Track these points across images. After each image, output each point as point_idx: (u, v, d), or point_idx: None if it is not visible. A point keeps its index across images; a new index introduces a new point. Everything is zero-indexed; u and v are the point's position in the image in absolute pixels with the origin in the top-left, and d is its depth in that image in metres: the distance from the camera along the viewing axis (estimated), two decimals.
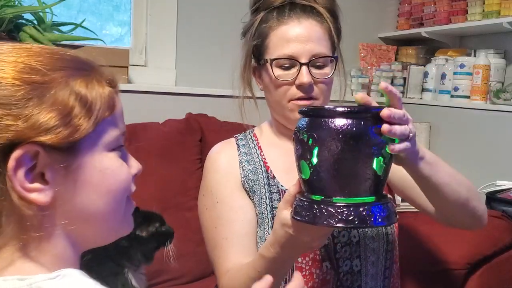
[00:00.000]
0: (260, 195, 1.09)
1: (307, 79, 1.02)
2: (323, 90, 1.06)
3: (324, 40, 1.06)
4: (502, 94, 2.06)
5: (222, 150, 1.15)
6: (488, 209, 1.75)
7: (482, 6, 2.18)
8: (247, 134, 1.18)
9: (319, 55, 1.04)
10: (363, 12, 2.63)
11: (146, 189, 1.67)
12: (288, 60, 1.04)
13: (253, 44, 1.09)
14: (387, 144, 0.75)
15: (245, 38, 1.13)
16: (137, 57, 2.18)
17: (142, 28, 2.20)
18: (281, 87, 1.05)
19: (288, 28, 1.04)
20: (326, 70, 1.06)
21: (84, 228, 0.61)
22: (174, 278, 1.66)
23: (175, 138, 1.81)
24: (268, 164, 1.12)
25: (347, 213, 0.73)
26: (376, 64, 2.65)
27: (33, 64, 0.56)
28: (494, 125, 2.10)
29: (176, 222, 1.69)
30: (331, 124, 0.73)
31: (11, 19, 1.72)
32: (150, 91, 2.08)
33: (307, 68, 1.03)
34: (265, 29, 1.07)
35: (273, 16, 1.07)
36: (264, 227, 1.07)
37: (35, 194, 0.56)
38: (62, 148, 0.56)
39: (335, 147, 0.73)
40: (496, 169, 2.05)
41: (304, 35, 1.04)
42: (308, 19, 1.05)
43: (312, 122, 0.76)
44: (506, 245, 1.48)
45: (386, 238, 1.08)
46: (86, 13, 2.17)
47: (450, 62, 2.36)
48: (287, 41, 1.04)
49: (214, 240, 1.08)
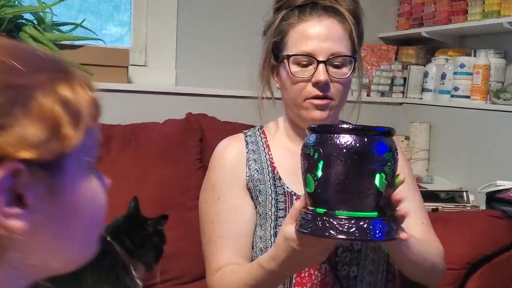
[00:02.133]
0: (266, 195, 1.08)
1: (324, 77, 1.01)
2: (339, 90, 1.05)
3: (344, 40, 1.05)
4: (502, 94, 2.06)
5: (230, 146, 1.14)
6: (488, 209, 1.77)
7: (482, 6, 2.18)
8: (256, 131, 1.17)
9: (337, 54, 1.03)
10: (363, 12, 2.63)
11: (146, 189, 1.67)
12: (306, 57, 1.03)
13: (273, 41, 1.09)
14: (389, 162, 0.77)
15: (266, 36, 1.12)
16: (137, 57, 2.18)
17: (142, 28, 2.20)
18: (297, 84, 1.04)
19: (308, 25, 1.04)
20: (344, 70, 1.05)
21: (46, 260, 0.51)
22: (174, 278, 1.66)
23: (175, 138, 1.81)
24: (275, 165, 1.11)
25: (348, 225, 0.76)
26: (376, 64, 2.65)
27: (9, 63, 0.47)
28: (494, 125, 2.10)
29: (176, 222, 1.69)
30: (336, 140, 0.77)
31: (11, 19, 1.72)
32: (150, 91, 2.08)
33: (325, 66, 1.02)
34: (285, 26, 1.06)
35: (295, 14, 1.06)
36: (266, 227, 1.06)
37: (13, 220, 0.46)
38: (47, 165, 0.47)
39: (339, 162, 0.77)
40: (496, 169, 2.05)
41: (324, 33, 1.03)
42: (329, 18, 1.04)
43: (319, 137, 0.80)
44: (506, 245, 1.48)
45: (387, 251, 1.07)
46: (86, 13, 2.17)
47: (450, 62, 2.36)
48: (306, 38, 1.03)
49: (209, 235, 1.09)
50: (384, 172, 0.77)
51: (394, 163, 0.79)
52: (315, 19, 1.04)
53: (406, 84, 2.60)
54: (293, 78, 1.04)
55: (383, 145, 0.77)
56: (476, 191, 1.97)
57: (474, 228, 1.50)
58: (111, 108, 2.29)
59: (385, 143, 0.78)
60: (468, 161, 2.22)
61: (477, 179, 2.06)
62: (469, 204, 1.92)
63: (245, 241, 1.07)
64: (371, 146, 0.77)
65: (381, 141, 0.77)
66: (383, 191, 0.78)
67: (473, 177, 2.16)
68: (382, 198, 0.78)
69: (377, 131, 0.78)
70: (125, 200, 1.62)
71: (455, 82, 2.26)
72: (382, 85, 2.59)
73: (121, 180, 1.64)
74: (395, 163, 0.79)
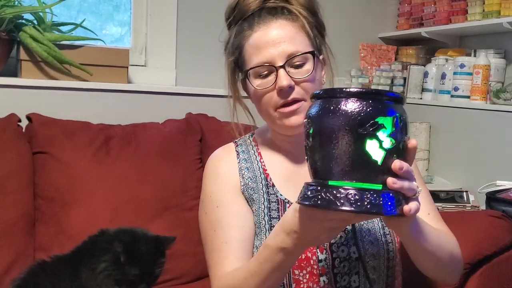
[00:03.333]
0: (259, 204, 1.06)
1: (286, 82, 0.98)
2: (308, 88, 1.01)
3: (299, 37, 1.02)
4: (502, 94, 2.06)
5: (222, 157, 1.13)
6: (488, 209, 1.77)
7: (482, 6, 2.18)
8: (246, 139, 1.16)
9: (294, 53, 1.00)
10: (363, 12, 2.63)
11: (146, 189, 1.67)
12: (264, 67, 1.00)
13: (232, 59, 1.07)
14: (383, 127, 0.71)
15: (225, 56, 1.11)
16: (137, 57, 2.18)
17: (142, 28, 2.20)
18: (264, 96, 1.02)
19: (258, 35, 1.01)
20: (306, 67, 1.01)
21: None
22: (174, 278, 1.66)
23: (175, 138, 1.81)
24: (267, 172, 1.10)
25: (350, 197, 0.70)
26: (376, 64, 2.65)
27: None
28: (494, 125, 2.10)
29: (176, 222, 1.69)
30: (323, 104, 0.74)
31: (11, 19, 1.72)
32: (150, 91, 2.08)
33: (285, 70, 0.99)
34: (239, 42, 1.05)
35: (245, 27, 1.04)
36: (261, 237, 1.04)
37: None
38: None
39: (326, 128, 0.72)
40: (496, 169, 2.04)
41: (275, 37, 1.00)
42: (278, 20, 1.02)
43: (311, 106, 0.78)
44: (506, 245, 1.48)
45: (387, 255, 1.05)
46: (86, 13, 2.17)
47: (450, 62, 2.36)
48: (259, 48, 1.01)
49: (212, 243, 1.06)
50: (377, 138, 0.71)
51: (396, 131, 0.72)
52: (263, 27, 1.01)
53: (406, 84, 2.60)
54: (258, 92, 1.02)
55: (373, 108, 0.71)
56: (476, 191, 1.97)
57: (474, 228, 1.50)
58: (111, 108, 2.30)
59: (377, 106, 0.71)
60: (468, 161, 2.22)
61: (477, 179, 2.06)
62: (469, 204, 1.92)
63: (249, 246, 1.05)
64: (356, 108, 0.71)
65: (370, 104, 0.71)
66: (379, 159, 0.72)
67: (473, 177, 2.16)
68: (382, 168, 0.72)
69: (365, 92, 0.72)
70: (125, 200, 1.63)
71: (455, 82, 2.26)
72: (382, 85, 2.59)
73: (121, 180, 1.64)
74: (396, 130, 0.72)
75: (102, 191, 1.60)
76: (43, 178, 1.59)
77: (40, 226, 1.57)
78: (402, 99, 0.76)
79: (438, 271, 0.98)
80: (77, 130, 1.67)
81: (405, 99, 0.77)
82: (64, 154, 1.61)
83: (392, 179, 0.73)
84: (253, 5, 1.04)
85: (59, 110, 1.78)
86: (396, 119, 0.72)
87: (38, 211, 1.58)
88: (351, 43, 2.61)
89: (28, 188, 1.58)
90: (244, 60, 1.05)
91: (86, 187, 1.59)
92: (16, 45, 1.82)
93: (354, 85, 2.58)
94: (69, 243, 1.34)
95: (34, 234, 1.56)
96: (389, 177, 0.73)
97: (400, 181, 0.74)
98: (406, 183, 0.74)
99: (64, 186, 1.58)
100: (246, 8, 1.05)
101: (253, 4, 1.04)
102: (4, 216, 1.49)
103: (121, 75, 1.96)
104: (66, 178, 1.59)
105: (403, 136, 0.74)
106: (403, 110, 0.76)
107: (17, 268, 1.46)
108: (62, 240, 1.51)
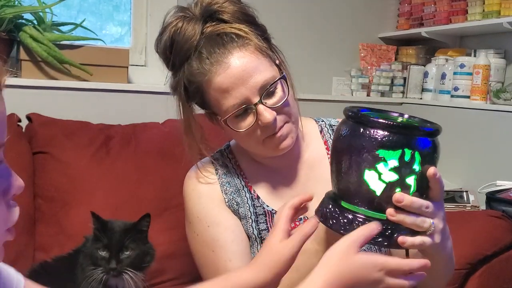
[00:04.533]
0: (246, 218, 1.04)
1: (270, 116, 0.93)
2: (288, 111, 0.98)
3: (261, 63, 0.94)
4: (502, 94, 2.06)
5: (200, 174, 1.07)
6: (488, 209, 1.77)
7: (482, 6, 2.18)
8: (223, 151, 1.12)
9: (266, 84, 0.93)
10: (363, 12, 2.63)
11: (146, 189, 1.67)
12: (241, 108, 0.94)
13: (193, 104, 1.02)
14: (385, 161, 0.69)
15: (178, 99, 1.03)
16: (137, 57, 2.18)
17: (142, 28, 2.20)
18: (250, 135, 0.97)
19: (220, 79, 0.93)
20: (279, 92, 0.96)
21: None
22: (174, 278, 1.66)
23: (175, 138, 1.81)
24: (249, 184, 1.06)
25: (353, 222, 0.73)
26: (376, 64, 2.65)
27: None
28: (494, 125, 2.10)
29: (176, 222, 1.69)
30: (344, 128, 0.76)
31: (11, 19, 1.72)
32: (150, 91, 2.08)
33: (263, 104, 0.93)
34: (198, 88, 0.97)
35: (196, 69, 0.95)
36: (253, 250, 1.02)
37: None
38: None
39: (336, 152, 0.75)
40: (496, 169, 2.05)
41: (239, 75, 0.92)
42: (232, 53, 0.93)
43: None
44: (506, 245, 1.48)
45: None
46: (86, 13, 2.17)
47: (450, 62, 2.36)
48: (227, 91, 0.93)
49: (214, 264, 1.02)
50: (376, 170, 0.70)
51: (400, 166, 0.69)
52: (220, 67, 0.93)
53: (406, 84, 2.60)
54: (242, 133, 0.96)
55: (377, 139, 0.69)
56: (476, 191, 1.97)
57: (474, 228, 1.50)
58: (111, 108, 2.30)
59: (384, 137, 0.69)
60: (468, 161, 2.22)
61: (477, 179, 2.06)
62: (469, 204, 1.92)
63: (250, 258, 1.01)
64: (362, 136, 0.70)
65: (376, 134, 0.69)
66: (377, 190, 0.71)
67: (473, 177, 2.16)
68: (382, 199, 0.72)
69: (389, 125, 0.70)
70: (125, 200, 1.62)
71: (455, 82, 2.26)
72: (382, 85, 2.59)
73: (121, 180, 1.64)
74: (401, 165, 0.69)
75: (102, 191, 1.60)
76: (43, 178, 1.59)
77: (40, 226, 1.57)
78: (434, 132, 0.73)
79: (443, 279, 0.96)
80: (77, 130, 1.67)
81: (439, 130, 0.73)
82: (64, 154, 1.61)
83: (391, 210, 0.71)
84: (194, 39, 0.95)
85: (59, 110, 1.78)
86: (404, 154, 0.70)
87: (38, 211, 1.58)
88: (351, 43, 2.61)
89: (28, 188, 1.58)
90: (211, 103, 0.98)
91: (86, 187, 1.59)
92: (16, 45, 1.82)
93: (354, 85, 2.58)
94: (69, 243, 1.34)
95: (34, 234, 1.56)
96: (389, 208, 0.72)
97: (401, 214, 0.72)
98: (409, 217, 0.72)
99: (64, 186, 1.58)
100: (187, 46, 0.95)
101: (193, 38, 0.95)
102: None
103: (121, 75, 1.96)
104: (66, 178, 1.59)
105: (413, 170, 0.71)
106: (426, 144, 0.72)
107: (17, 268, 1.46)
108: (62, 240, 1.51)
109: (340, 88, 2.58)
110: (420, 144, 0.71)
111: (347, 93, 2.60)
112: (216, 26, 0.96)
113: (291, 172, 1.08)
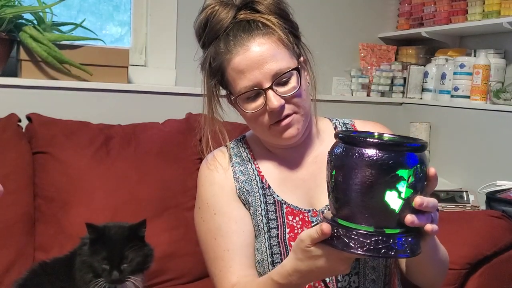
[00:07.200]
0: (255, 206, 1.06)
1: (277, 103, 0.98)
2: (297, 102, 1.01)
3: (280, 53, 1.00)
4: (502, 94, 2.06)
5: (215, 162, 1.12)
6: (488, 209, 1.77)
7: (482, 6, 2.18)
8: (238, 142, 1.16)
9: (279, 72, 0.98)
10: (363, 12, 2.63)
11: (146, 189, 1.67)
12: (253, 91, 0.99)
13: (214, 82, 1.07)
14: (404, 180, 0.73)
15: (204, 76, 1.09)
16: (137, 57, 2.18)
17: (142, 28, 2.20)
18: (257, 118, 1.02)
19: (239, 59, 0.99)
20: (292, 83, 1.00)
21: None
22: (174, 278, 1.66)
23: (175, 138, 1.81)
24: (262, 174, 1.09)
25: (365, 240, 0.75)
26: (376, 64, 2.65)
27: None
28: (494, 125, 2.10)
29: (176, 222, 1.69)
30: (342, 149, 0.77)
31: (11, 19, 1.72)
32: (150, 91, 2.08)
33: (273, 90, 0.98)
34: (219, 66, 1.03)
35: (221, 48, 1.02)
36: (260, 239, 1.05)
37: None
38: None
39: (349, 174, 0.75)
40: (496, 169, 2.05)
41: (257, 59, 0.98)
42: (255, 39, 0.99)
43: (334, 145, 0.79)
44: (506, 245, 1.48)
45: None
46: (86, 13, 2.17)
47: (450, 62, 2.36)
48: (243, 72, 0.99)
49: (214, 252, 1.05)
50: (396, 190, 0.73)
51: (415, 181, 0.74)
52: (242, 48, 0.99)
53: (406, 84, 2.60)
54: (249, 115, 1.02)
55: (395, 161, 0.73)
56: (476, 191, 1.97)
57: (474, 228, 1.50)
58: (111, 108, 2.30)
59: (400, 160, 0.73)
60: (468, 161, 2.22)
61: (477, 179, 2.06)
62: (469, 204, 1.92)
63: (252, 250, 1.05)
64: (378, 160, 0.73)
65: (391, 156, 0.73)
66: (397, 208, 0.74)
67: (473, 177, 2.16)
68: (399, 215, 0.75)
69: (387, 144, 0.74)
70: (125, 200, 1.62)
71: (455, 82, 2.26)
72: (382, 85, 2.59)
73: (121, 180, 1.64)
74: (415, 180, 0.74)
75: (102, 191, 1.60)
76: (43, 178, 1.59)
77: (40, 226, 1.57)
78: (423, 147, 0.77)
79: (437, 280, 1.03)
80: (77, 130, 1.67)
81: (427, 145, 0.78)
82: (64, 154, 1.61)
83: (409, 217, 0.75)
84: (225, 22, 1.01)
85: (59, 110, 1.78)
86: (417, 170, 0.74)
87: (38, 211, 1.58)
88: (351, 43, 2.61)
89: (28, 188, 1.58)
90: (229, 83, 1.04)
91: (86, 187, 1.59)
92: (16, 45, 1.82)
93: (354, 85, 2.58)
94: (69, 243, 1.34)
95: (34, 234, 1.56)
96: (408, 215, 0.75)
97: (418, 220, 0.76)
98: (423, 217, 0.77)
99: (64, 186, 1.58)
100: (218, 27, 1.02)
101: (225, 21, 1.01)
102: (4, 216, 1.49)
103: (121, 75, 1.96)
104: (66, 178, 1.59)
105: (422, 183, 0.77)
106: (423, 156, 0.77)
107: (17, 268, 1.46)
108: (62, 240, 1.51)
109: (340, 88, 2.58)
110: (423, 156, 0.77)
111: (347, 93, 2.60)
112: (248, 14, 1.02)
113: (303, 165, 1.11)
